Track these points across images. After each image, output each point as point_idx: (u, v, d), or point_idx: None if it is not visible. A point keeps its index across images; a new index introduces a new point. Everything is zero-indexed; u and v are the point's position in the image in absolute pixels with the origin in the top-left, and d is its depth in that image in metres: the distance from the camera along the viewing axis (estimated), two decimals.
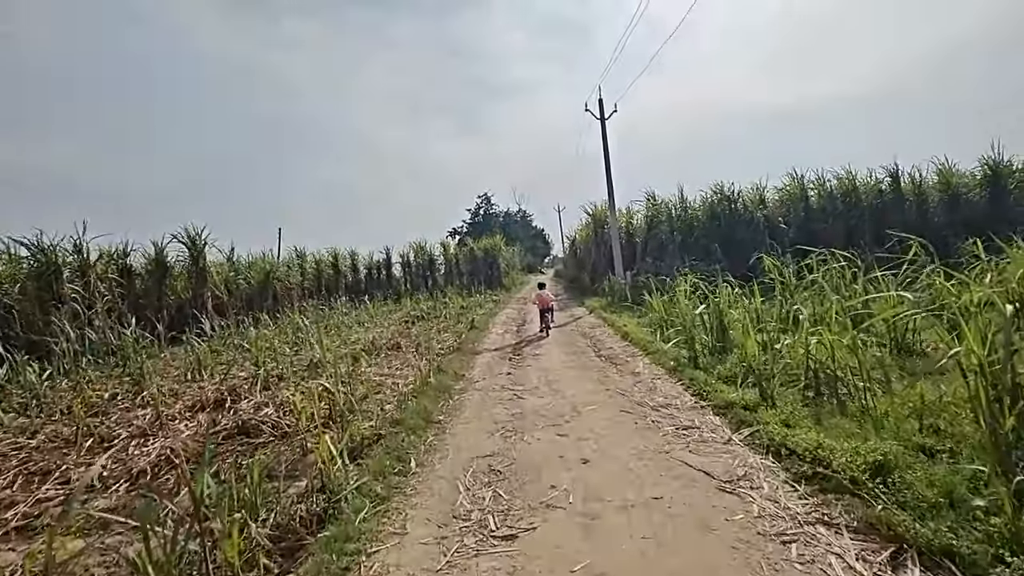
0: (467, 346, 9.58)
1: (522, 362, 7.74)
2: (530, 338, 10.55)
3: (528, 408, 5.17)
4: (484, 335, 11.30)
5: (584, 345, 8.81)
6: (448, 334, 12.10)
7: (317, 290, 26.06)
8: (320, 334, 12.97)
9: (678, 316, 8.14)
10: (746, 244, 15.90)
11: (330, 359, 8.22)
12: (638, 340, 8.09)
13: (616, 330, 9.89)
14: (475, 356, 8.61)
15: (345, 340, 12.36)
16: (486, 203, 66.64)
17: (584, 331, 10.64)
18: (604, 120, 16.75)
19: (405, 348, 10.69)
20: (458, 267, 30.28)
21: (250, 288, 19.37)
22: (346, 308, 20.98)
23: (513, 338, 10.72)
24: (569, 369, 6.87)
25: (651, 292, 11.48)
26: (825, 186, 15.92)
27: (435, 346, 10.37)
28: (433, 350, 9.80)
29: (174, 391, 7.50)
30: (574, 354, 7.99)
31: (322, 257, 27.99)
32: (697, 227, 16.42)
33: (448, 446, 4.30)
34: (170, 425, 5.49)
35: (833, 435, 3.43)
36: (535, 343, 9.68)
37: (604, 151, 16.52)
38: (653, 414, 4.57)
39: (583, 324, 11.87)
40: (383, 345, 10.82)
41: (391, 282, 31.04)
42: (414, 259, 31.46)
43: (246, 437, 4.82)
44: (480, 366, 7.65)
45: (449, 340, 11.08)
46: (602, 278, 17.67)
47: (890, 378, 4.23)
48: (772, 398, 4.19)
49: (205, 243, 16.07)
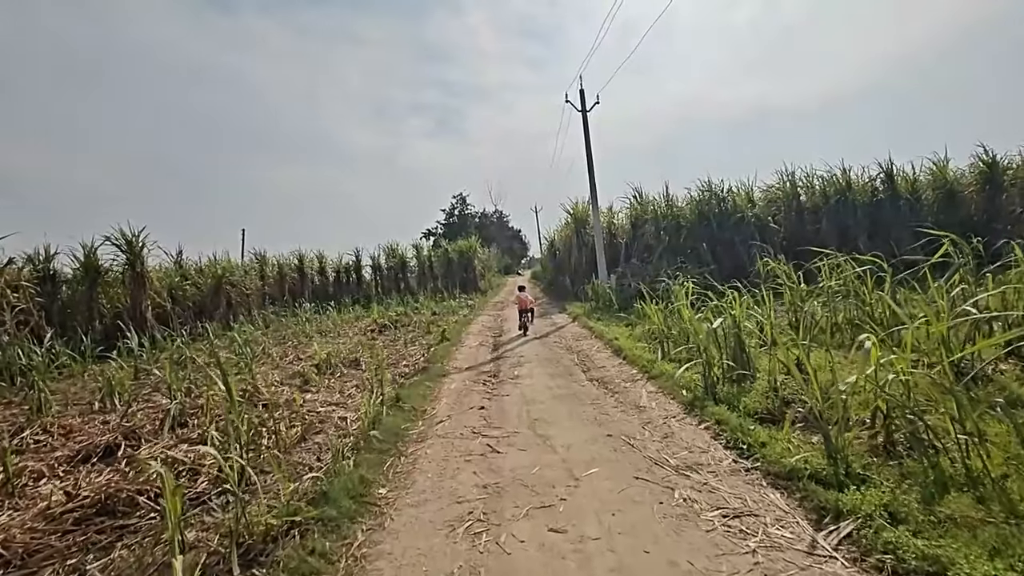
0: (435, 365, 8.28)
1: (499, 388, 6.46)
2: (508, 349, 9.33)
3: (506, 471, 3.78)
4: (456, 349, 10.02)
5: (571, 363, 7.62)
6: (416, 347, 10.79)
7: (280, 295, 24.38)
8: (266, 348, 11.50)
9: (678, 328, 7.05)
10: (735, 245, 15.03)
11: (275, 382, 6.86)
12: (635, 358, 6.93)
13: (606, 343, 8.74)
14: (443, 380, 7.31)
15: (300, 354, 10.93)
16: (461, 203, 64.97)
17: (569, 344, 9.45)
18: (586, 112, 15.61)
19: (365, 365, 9.35)
20: (431, 270, 28.84)
21: (201, 294, 17.62)
22: (309, 315, 19.46)
23: (488, 353, 9.47)
24: (557, 401, 5.60)
25: (641, 297, 10.42)
26: (816, 184, 15.16)
27: (400, 364, 9.05)
28: (396, 370, 8.48)
29: (67, 428, 6.02)
30: (561, 376, 6.78)
31: (285, 260, 26.19)
32: (684, 227, 15.45)
33: (382, 563, 2.72)
34: (24, 490, 4.06)
35: (958, 537, 2.28)
36: (514, 358, 8.46)
37: (586, 144, 15.40)
38: (682, 484, 3.28)
39: (566, 335, 10.70)
40: (340, 362, 9.45)
41: (361, 286, 29.50)
42: (385, 262, 29.96)
43: (110, 518, 3.43)
44: (447, 395, 6.31)
45: (416, 355, 9.78)
46: (583, 281, 16.57)
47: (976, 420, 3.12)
48: (846, 459, 3.03)
49: (143, 245, 14.31)
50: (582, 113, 15.63)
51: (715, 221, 15.27)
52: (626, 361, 7.13)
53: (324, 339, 13.59)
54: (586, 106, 15.64)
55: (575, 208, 18.23)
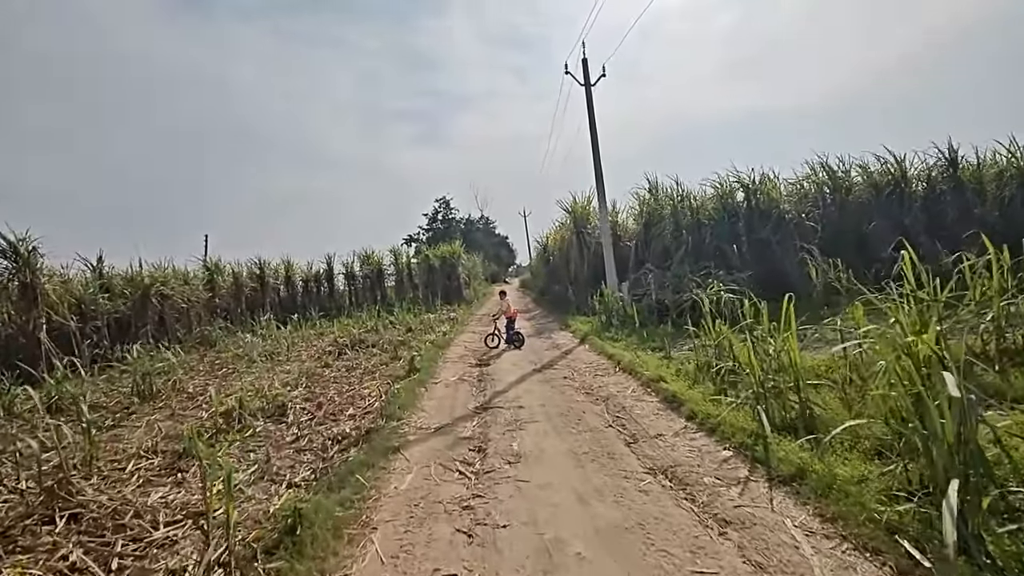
0: (390, 422, 5.47)
1: (488, 492, 3.52)
2: (499, 391, 6.58)
3: None
4: (426, 390, 7.24)
5: (600, 423, 4.86)
6: (377, 380, 7.98)
7: (236, 308, 21.32)
8: (179, 380, 8.55)
9: (770, 365, 4.35)
10: (771, 246, 12.51)
11: (142, 450, 4.04)
12: (713, 421, 4.20)
13: (643, 383, 6.02)
14: (395, 455, 4.51)
15: (226, 387, 8.04)
16: (445, 207, 61.79)
17: (587, 382, 6.68)
18: (590, 86, 12.95)
19: (296, 412, 6.51)
20: (411, 278, 25.98)
21: (127, 309, 14.55)
22: (266, 330, 16.52)
23: (473, 396, 6.67)
24: (609, 545, 2.69)
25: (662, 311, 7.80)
26: (855, 175, 12.74)
27: (343, 415, 6.22)
28: (334, 427, 5.65)
29: None
30: (594, 460, 3.91)
31: (242, 269, 23.07)
32: (707, 225, 12.90)
33: None
34: None
35: None
36: (509, 410, 5.70)
37: (590, 124, 12.72)
38: None
39: (577, 364, 7.94)
40: (260, 409, 6.61)
41: (333, 296, 26.52)
42: (360, 270, 27.01)
43: None
44: (395, 505, 3.45)
45: (370, 396, 6.96)
46: (588, 291, 13.91)
47: None
48: None
49: (33, 250, 11.25)
50: (585, 87, 12.94)
51: (743, 218, 12.74)
52: (696, 424, 4.40)
53: (268, 365, 10.70)
54: (590, 78, 13.01)
55: (574, 205, 15.47)
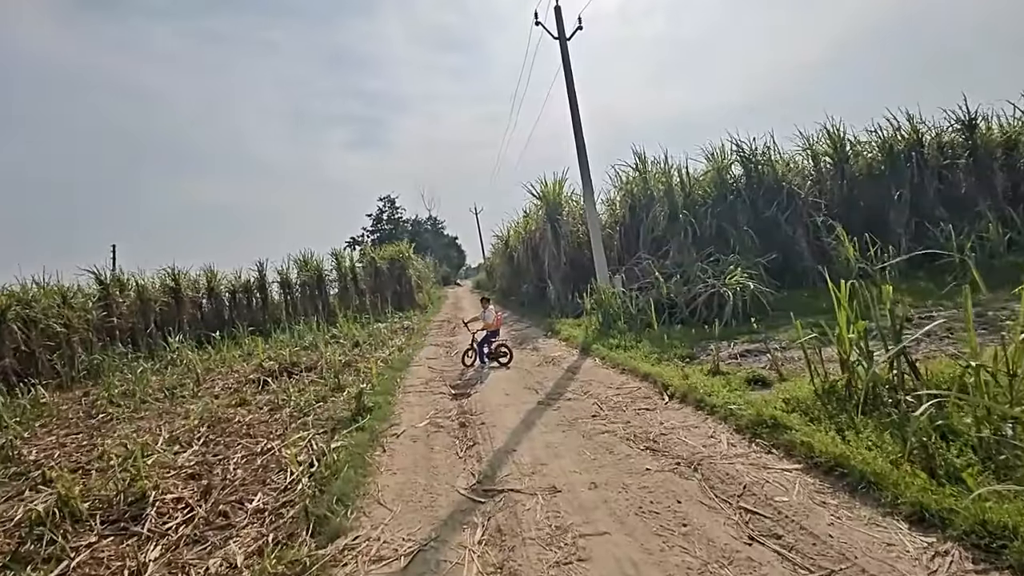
0: (323, 541, 3.02)
1: None
2: (500, 446, 4.26)
3: None
4: (384, 447, 4.81)
5: (729, 532, 2.56)
6: (309, 431, 5.44)
7: (145, 328, 17.71)
8: (11, 445, 5.62)
9: None
10: (780, 228, 10.87)
11: None
12: (971, 523, 2.09)
13: (741, 430, 3.85)
14: None
15: (69, 457, 5.24)
16: (391, 207, 57.85)
17: (633, 423, 4.42)
18: (565, 40, 10.79)
19: (159, 509, 3.91)
20: (356, 284, 22.96)
21: None
22: (177, 355, 13.32)
23: (460, 460, 4.28)
24: None
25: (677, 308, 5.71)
26: (872, 144, 11.34)
27: (240, 520, 3.70)
28: (208, 562, 3.15)
29: None
30: None
31: (152, 281, 19.31)
32: (703, 205, 11.11)
33: None
34: None
35: None
36: (533, 507, 3.42)
37: (568, 85, 10.51)
38: None
39: (597, 387, 5.72)
40: (103, 503, 3.97)
41: (267, 308, 23.02)
42: (297, 277, 23.61)
43: None
44: None
45: (301, 460, 4.43)
46: (571, 289, 11.79)
47: None
48: None
49: None
50: (561, 41, 10.77)
51: (746, 196, 11.04)
52: (932, 531, 2.30)
53: (165, 405, 7.83)
54: (564, 31, 10.85)
55: (545, 189, 13.29)
